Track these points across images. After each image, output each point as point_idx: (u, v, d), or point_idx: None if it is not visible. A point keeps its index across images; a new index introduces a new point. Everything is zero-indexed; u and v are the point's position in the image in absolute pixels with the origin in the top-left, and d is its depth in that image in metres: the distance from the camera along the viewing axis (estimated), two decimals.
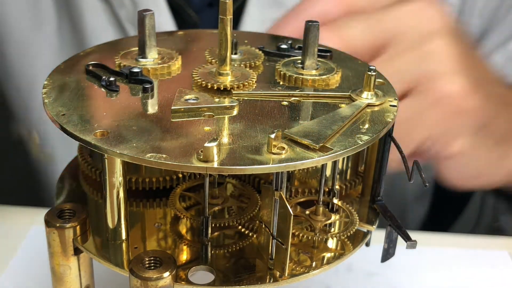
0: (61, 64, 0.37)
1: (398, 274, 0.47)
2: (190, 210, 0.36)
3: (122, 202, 0.32)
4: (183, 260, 0.33)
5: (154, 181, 0.37)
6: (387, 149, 0.35)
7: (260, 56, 0.39)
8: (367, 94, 0.34)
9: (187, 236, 0.35)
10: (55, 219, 0.33)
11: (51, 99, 0.33)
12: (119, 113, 0.32)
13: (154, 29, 0.37)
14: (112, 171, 0.31)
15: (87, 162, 0.38)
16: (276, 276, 0.32)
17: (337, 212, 0.36)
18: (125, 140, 0.29)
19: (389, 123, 0.32)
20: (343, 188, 0.38)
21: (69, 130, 0.30)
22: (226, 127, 0.31)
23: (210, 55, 0.38)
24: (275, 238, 0.31)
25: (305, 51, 0.37)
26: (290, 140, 0.30)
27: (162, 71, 0.36)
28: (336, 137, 0.30)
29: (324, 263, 0.33)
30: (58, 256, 0.34)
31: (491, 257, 0.50)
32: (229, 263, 0.33)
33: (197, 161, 0.28)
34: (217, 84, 0.34)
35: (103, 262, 0.32)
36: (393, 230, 0.35)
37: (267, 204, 0.32)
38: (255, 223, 0.35)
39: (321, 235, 0.34)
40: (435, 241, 0.52)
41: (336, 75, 0.37)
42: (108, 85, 0.34)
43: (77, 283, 0.35)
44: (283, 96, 0.35)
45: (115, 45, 0.40)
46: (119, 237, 0.33)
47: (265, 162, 0.28)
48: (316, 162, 0.29)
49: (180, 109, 0.32)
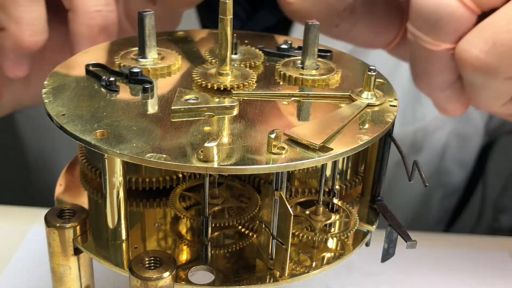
0: (61, 64, 0.37)
1: (398, 274, 0.47)
2: (190, 210, 0.36)
3: (122, 202, 0.32)
4: (183, 260, 0.33)
5: (154, 181, 0.37)
6: (387, 149, 0.35)
7: (260, 56, 0.39)
8: (367, 94, 0.34)
9: (187, 236, 0.35)
10: (55, 219, 0.33)
11: (51, 99, 0.33)
12: (119, 113, 0.32)
13: (154, 29, 0.37)
14: (112, 171, 0.31)
15: (87, 162, 0.38)
16: (276, 276, 0.32)
17: (337, 212, 0.36)
18: (125, 140, 0.29)
19: (389, 123, 0.32)
20: (343, 188, 0.38)
21: (69, 130, 0.30)
22: (226, 127, 0.31)
23: (210, 55, 0.38)
24: (275, 238, 0.31)
25: (305, 51, 0.37)
26: (290, 140, 0.30)
27: (162, 71, 0.36)
28: (336, 137, 0.30)
29: (324, 263, 0.33)
30: (58, 256, 0.34)
31: (491, 257, 0.50)
32: (229, 263, 0.33)
33: (197, 161, 0.28)
34: (217, 84, 0.34)
35: (103, 262, 0.32)
36: (393, 230, 0.35)
37: (267, 204, 0.32)
38: (255, 223, 0.35)
39: (321, 235, 0.34)
40: (435, 241, 0.52)
41: (336, 75, 0.37)
42: (108, 85, 0.34)
43: (77, 283, 0.35)
44: (283, 96, 0.35)
45: (115, 45, 0.40)
46: (119, 237, 0.33)
47: (265, 162, 0.28)
48: (316, 162, 0.29)
49: (180, 109, 0.32)
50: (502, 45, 0.37)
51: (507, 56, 0.37)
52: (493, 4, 0.38)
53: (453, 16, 0.38)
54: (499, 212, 0.70)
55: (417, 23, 0.40)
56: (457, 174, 0.70)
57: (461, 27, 0.39)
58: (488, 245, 0.52)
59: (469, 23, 0.38)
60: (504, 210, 0.69)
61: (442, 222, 0.74)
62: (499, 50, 0.37)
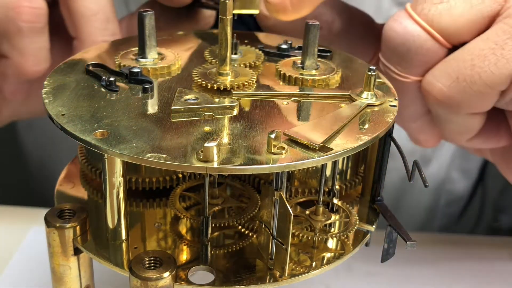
0: (61, 64, 0.37)
1: (398, 274, 0.47)
2: (190, 210, 0.36)
3: (122, 202, 0.32)
4: (183, 260, 0.33)
5: (154, 181, 0.37)
6: (387, 149, 0.35)
7: (260, 56, 0.39)
8: (367, 94, 0.34)
9: (187, 236, 0.35)
10: (55, 219, 0.33)
11: (51, 99, 0.33)
12: (119, 113, 0.32)
13: (154, 29, 0.37)
14: (112, 171, 0.31)
15: (87, 162, 0.38)
16: (276, 276, 0.32)
17: (337, 212, 0.36)
18: (125, 140, 0.29)
19: (389, 123, 0.32)
20: (343, 188, 0.38)
21: (69, 130, 0.30)
22: (226, 127, 0.31)
23: (210, 55, 0.38)
24: (275, 238, 0.31)
25: (305, 51, 0.37)
26: (290, 140, 0.30)
27: (162, 71, 0.36)
28: (336, 137, 0.30)
29: (324, 263, 0.33)
30: (58, 256, 0.34)
31: (491, 257, 0.50)
32: (229, 263, 0.33)
33: (197, 161, 0.28)
34: (217, 84, 0.34)
35: (103, 262, 0.32)
36: (393, 230, 0.35)
37: (267, 204, 0.32)
38: (255, 223, 0.35)
39: (321, 235, 0.34)
40: (435, 241, 0.52)
41: (336, 75, 0.37)
42: (108, 85, 0.34)
43: (77, 283, 0.35)
44: (283, 96, 0.35)
45: (115, 45, 0.40)
46: (119, 237, 0.33)
47: (265, 162, 0.28)
48: (316, 162, 0.29)
49: (180, 109, 0.32)
50: (464, 81, 0.37)
51: (469, 92, 0.37)
52: (463, 38, 0.38)
53: (422, 49, 0.38)
54: (499, 212, 0.70)
55: (387, 54, 0.40)
56: (462, 182, 0.70)
57: (430, 60, 0.39)
58: (488, 245, 0.52)
59: (439, 56, 0.38)
60: (504, 210, 0.69)
61: (448, 228, 0.74)
62: (462, 85, 0.37)
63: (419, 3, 0.38)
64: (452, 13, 0.37)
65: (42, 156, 0.71)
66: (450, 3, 0.37)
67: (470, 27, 0.37)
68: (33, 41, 0.43)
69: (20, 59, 0.43)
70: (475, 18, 0.37)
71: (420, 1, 0.38)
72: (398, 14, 0.39)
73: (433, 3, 0.38)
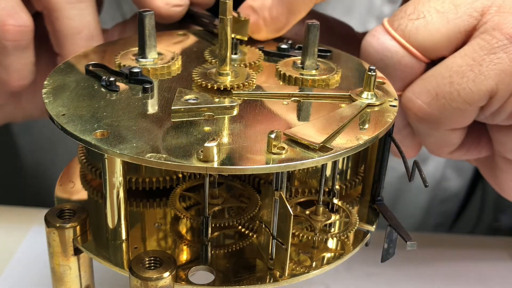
0: (61, 64, 0.37)
1: (398, 274, 0.47)
2: (190, 210, 0.36)
3: (122, 202, 0.32)
4: (183, 260, 0.33)
5: (154, 181, 0.37)
6: (387, 149, 0.35)
7: (260, 56, 0.39)
8: (367, 94, 0.34)
9: (187, 236, 0.35)
10: (55, 219, 0.33)
11: (51, 99, 0.33)
12: (119, 113, 0.32)
13: (154, 29, 0.37)
14: (112, 171, 0.31)
15: (87, 162, 0.38)
16: (276, 276, 0.32)
17: (337, 212, 0.36)
18: (125, 140, 0.29)
19: (389, 123, 0.32)
20: (343, 188, 0.38)
21: (69, 130, 0.30)
22: (226, 127, 0.31)
23: (210, 55, 0.38)
24: (275, 238, 0.31)
25: (305, 51, 0.37)
26: (290, 140, 0.30)
27: (162, 71, 0.36)
28: (336, 137, 0.30)
29: (324, 263, 0.33)
30: (58, 256, 0.34)
31: (491, 257, 0.50)
32: (229, 263, 0.33)
33: (197, 161, 0.28)
34: (217, 84, 0.34)
35: (103, 262, 0.32)
36: (393, 230, 0.35)
37: (267, 204, 0.32)
38: (255, 223, 0.35)
39: (321, 235, 0.34)
40: (435, 241, 0.52)
41: (336, 75, 0.37)
42: (108, 85, 0.34)
43: (77, 283, 0.35)
44: (283, 96, 0.35)
45: (115, 45, 0.40)
46: (119, 237, 0.33)
47: (265, 162, 0.28)
48: (316, 162, 0.29)
49: (180, 109, 0.32)
50: (444, 98, 0.37)
51: (449, 109, 0.37)
52: (441, 53, 0.38)
53: (400, 64, 0.38)
54: (499, 212, 0.70)
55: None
56: (457, 181, 0.70)
57: (408, 75, 0.39)
58: (488, 245, 0.52)
59: (417, 71, 0.39)
60: (504, 210, 0.69)
61: (444, 226, 0.74)
62: (441, 102, 0.37)
63: (396, 19, 0.39)
64: (429, 28, 0.37)
65: (40, 158, 0.71)
66: (427, 18, 0.37)
67: (447, 42, 0.38)
68: (18, 57, 0.43)
69: (5, 75, 0.44)
70: (452, 33, 0.37)
71: (397, 16, 0.39)
72: (376, 29, 0.39)
73: (410, 18, 0.38)
